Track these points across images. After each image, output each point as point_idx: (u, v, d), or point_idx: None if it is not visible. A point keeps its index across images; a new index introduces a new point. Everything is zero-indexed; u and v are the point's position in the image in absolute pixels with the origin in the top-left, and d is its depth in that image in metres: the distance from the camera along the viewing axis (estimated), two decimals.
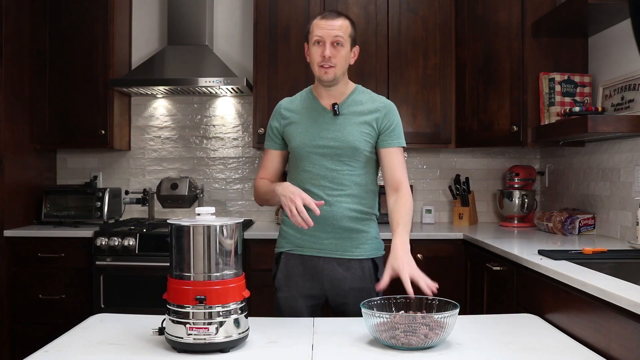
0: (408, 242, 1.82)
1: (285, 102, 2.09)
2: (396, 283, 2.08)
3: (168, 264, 1.40)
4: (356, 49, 2.01)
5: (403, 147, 2.01)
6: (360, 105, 1.99)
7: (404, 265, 1.72)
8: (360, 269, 1.97)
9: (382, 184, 2.06)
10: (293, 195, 1.77)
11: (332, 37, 1.90)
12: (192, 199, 3.50)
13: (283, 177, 2.35)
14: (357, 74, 3.35)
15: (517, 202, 3.39)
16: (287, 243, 2.02)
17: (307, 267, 1.98)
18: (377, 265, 2.01)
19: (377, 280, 2.00)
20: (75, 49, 3.49)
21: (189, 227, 1.36)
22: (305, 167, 1.97)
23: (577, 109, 2.74)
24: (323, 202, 1.82)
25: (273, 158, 2.07)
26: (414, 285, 1.66)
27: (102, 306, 3.07)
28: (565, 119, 2.74)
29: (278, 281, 2.02)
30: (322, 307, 2.07)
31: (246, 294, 1.41)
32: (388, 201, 1.95)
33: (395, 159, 1.97)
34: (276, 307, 2.03)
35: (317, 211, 1.75)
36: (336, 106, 1.97)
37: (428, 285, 1.68)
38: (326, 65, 1.91)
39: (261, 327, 1.55)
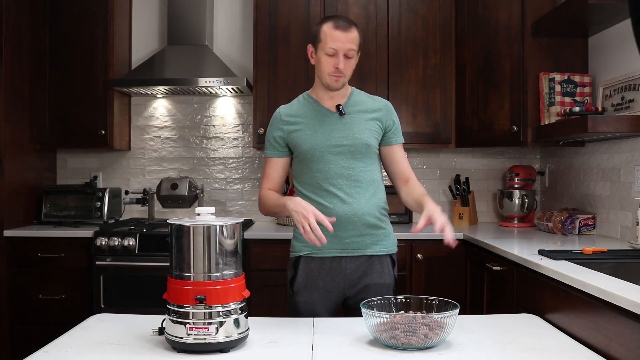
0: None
1: (284, 109, 2.08)
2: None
3: (168, 264, 1.40)
4: (359, 54, 2.05)
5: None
6: (363, 104, 2.05)
7: (439, 213, 1.76)
8: (380, 265, 2.01)
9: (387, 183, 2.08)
10: (306, 212, 1.75)
11: (345, 50, 1.94)
12: (192, 199, 3.50)
13: (286, 184, 2.34)
14: (357, 74, 3.31)
15: (517, 202, 3.39)
16: (305, 247, 2.00)
17: (328, 268, 1.99)
18: (394, 261, 2.06)
19: (395, 276, 2.05)
20: (75, 49, 3.49)
21: (189, 227, 1.36)
22: (319, 167, 1.98)
23: (577, 109, 2.74)
24: (334, 218, 1.81)
25: (277, 166, 2.06)
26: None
27: (102, 306, 3.07)
28: (565, 119, 2.74)
29: (297, 285, 2.00)
30: (339, 309, 2.07)
31: (246, 294, 1.41)
32: (401, 193, 2.05)
33: (401, 155, 2.08)
34: (293, 311, 2.02)
35: (331, 228, 1.76)
36: (341, 106, 2.01)
37: (451, 237, 1.69)
38: (337, 75, 1.96)
39: (261, 327, 1.55)
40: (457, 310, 1.41)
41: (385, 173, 2.12)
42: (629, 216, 2.63)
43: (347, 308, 2.05)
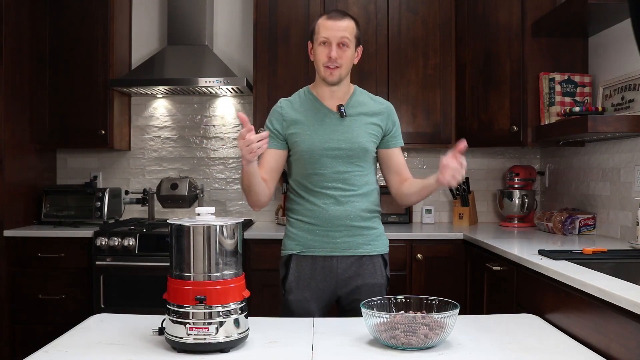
0: None
1: (284, 103, 2.06)
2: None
3: (168, 264, 1.40)
4: (359, 48, 2.02)
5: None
6: (364, 106, 2.03)
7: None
8: (372, 265, 2.00)
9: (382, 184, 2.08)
10: (241, 142, 1.68)
11: (338, 39, 1.92)
12: (192, 199, 3.50)
13: (283, 177, 2.34)
14: (357, 74, 3.34)
15: (517, 202, 3.39)
16: (296, 245, 2.01)
17: (319, 267, 1.98)
18: (386, 261, 2.05)
19: (387, 276, 2.05)
20: (75, 49, 3.49)
21: (189, 227, 1.36)
22: (317, 169, 1.97)
23: (577, 109, 2.74)
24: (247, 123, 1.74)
25: (271, 157, 2.01)
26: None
27: (102, 306, 3.07)
28: (565, 119, 2.74)
29: (289, 284, 2.00)
30: (332, 309, 2.07)
31: (246, 294, 1.41)
32: (400, 189, 2.04)
33: (401, 158, 2.07)
34: (285, 310, 2.01)
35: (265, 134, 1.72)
36: (342, 108, 1.98)
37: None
38: (332, 66, 1.93)
39: (261, 327, 1.55)
40: (457, 310, 1.41)
41: (380, 174, 2.11)
42: (629, 216, 2.63)
43: (340, 308, 2.05)
